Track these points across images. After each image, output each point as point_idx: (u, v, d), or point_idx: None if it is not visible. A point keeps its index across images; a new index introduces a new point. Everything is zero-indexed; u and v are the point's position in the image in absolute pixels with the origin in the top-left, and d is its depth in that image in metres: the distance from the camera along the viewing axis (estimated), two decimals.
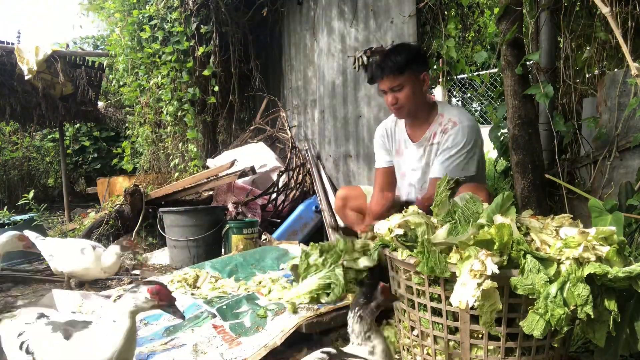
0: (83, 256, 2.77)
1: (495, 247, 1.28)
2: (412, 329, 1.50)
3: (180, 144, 5.27)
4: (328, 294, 1.99)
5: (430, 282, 1.39)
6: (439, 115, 2.35)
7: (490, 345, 1.34)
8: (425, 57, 2.42)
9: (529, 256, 1.24)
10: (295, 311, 1.95)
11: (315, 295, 2.01)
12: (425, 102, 2.37)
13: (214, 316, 2.04)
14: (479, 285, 1.19)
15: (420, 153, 2.40)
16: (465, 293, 1.22)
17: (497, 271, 1.20)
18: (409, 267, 1.43)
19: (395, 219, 1.54)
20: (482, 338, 1.34)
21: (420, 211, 1.58)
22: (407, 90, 2.25)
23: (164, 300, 1.34)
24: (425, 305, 1.42)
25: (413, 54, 2.29)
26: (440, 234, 1.44)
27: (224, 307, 2.13)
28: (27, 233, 2.89)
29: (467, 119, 2.30)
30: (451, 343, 1.39)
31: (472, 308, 1.26)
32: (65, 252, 2.82)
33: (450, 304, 1.30)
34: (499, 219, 1.36)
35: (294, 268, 2.28)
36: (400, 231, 1.48)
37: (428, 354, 1.43)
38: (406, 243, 1.47)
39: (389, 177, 2.59)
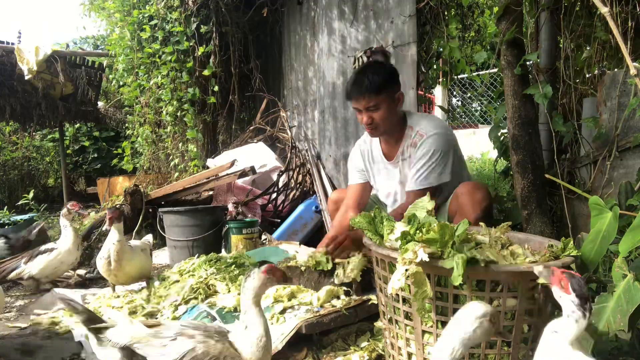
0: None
1: (438, 245, 1.35)
2: (384, 314, 1.60)
3: (180, 144, 5.27)
4: None
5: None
6: (408, 128, 2.34)
7: (440, 332, 1.37)
8: (398, 76, 2.39)
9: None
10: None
11: None
12: (399, 119, 2.36)
13: (214, 319, 2.04)
14: (407, 270, 1.29)
15: (397, 171, 2.41)
16: (394, 278, 1.32)
17: (427, 259, 1.26)
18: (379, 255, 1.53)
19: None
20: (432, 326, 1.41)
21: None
22: (383, 111, 2.24)
23: (278, 277, 1.45)
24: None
25: (389, 75, 2.28)
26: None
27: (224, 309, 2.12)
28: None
29: (433, 128, 2.28)
30: (408, 327, 1.45)
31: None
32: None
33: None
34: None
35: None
36: None
37: (393, 336, 1.53)
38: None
39: (360, 195, 2.54)
